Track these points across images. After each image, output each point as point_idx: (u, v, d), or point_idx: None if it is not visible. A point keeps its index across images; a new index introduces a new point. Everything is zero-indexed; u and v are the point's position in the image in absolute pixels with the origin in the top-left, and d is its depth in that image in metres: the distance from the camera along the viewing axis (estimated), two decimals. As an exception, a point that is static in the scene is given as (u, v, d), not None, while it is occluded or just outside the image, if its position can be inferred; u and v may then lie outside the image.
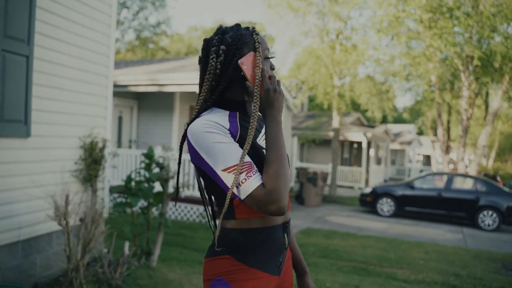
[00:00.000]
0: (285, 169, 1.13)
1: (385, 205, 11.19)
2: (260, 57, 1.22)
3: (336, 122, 14.40)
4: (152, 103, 10.44)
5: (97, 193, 4.18)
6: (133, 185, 4.44)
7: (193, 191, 8.14)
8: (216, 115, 1.22)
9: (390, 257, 6.29)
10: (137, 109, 10.61)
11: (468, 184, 10.84)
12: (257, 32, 1.26)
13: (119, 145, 10.20)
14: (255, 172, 1.11)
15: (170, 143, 9.83)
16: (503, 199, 9.99)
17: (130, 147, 10.45)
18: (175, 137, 10.02)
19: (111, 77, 4.44)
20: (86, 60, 4.11)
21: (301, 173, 12.59)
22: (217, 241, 1.24)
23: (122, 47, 26.77)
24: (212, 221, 1.35)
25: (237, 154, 1.13)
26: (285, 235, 1.28)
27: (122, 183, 8.05)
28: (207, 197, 1.32)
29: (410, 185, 11.12)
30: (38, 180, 3.52)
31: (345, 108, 14.67)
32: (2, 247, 3.30)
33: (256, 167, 1.13)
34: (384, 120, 29.15)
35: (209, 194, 1.30)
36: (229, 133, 1.17)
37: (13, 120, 3.29)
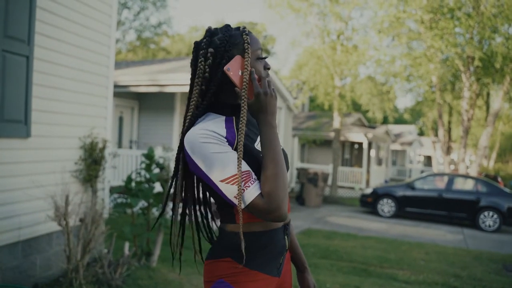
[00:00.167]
0: (282, 174, 1.11)
1: (386, 205, 11.17)
2: (248, 59, 1.17)
3: (337, 122, 14.39)
4: (153, 104, 10.44)
5: (97, 193, 4.18)
6: (133, 185, 4.45)
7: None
8: (211, 122, 1.19)
9: (391, 257, 6.28)
10: (137, 109, 10.61)
11: (468, 185, 10.82)
12: (247, 32, 1.21)
13: (119, 146, 10.20)
14: (253, 181, 1.10)
15: (171, 144, 9.82)
16: (504, 200, 9.97)
17: (131, 147, 10.45)
18: (175, 137, 10.02)
19: (111, 77, 4.45)
20: (87, 61, 4.11)
21: (301, 173, 12.58)
22: (218, 243, 1.25)
23: (123, 48, 26.78)
24: (206, 223, 1.38)
25: (235, 164, 1.11)
26: (286, 237, 1.28)
27: (122, 183, 8.03)
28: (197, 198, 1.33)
29: (410, 186, 11.11)
30: (38, 180, 3.53)
31: (346, 109, 14.66)
32: (2, 247, 3.30)
33: (255, 175, 1.12)
34: (385, 121, 29.13)
35: (209, 196, 1.29)
36: (226, 141, 1.15)
37: (13, 121, 3.29)
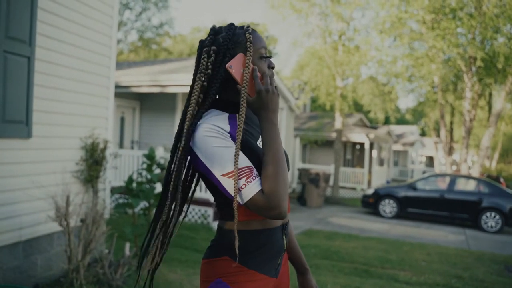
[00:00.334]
0: (283, 172, 1.11)
1: (387, 206, 11.15)
2: (250, 57, 1.17)
3: (338, 123, 14.37)
4: (154, 104, 10.45)
5: (98, 194, 4.18)
6: (134, 186, 4.45)
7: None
8: (215, 118, 1.19)
9: (392, 258, 6.27)
10: (139, 110, 10.62)
11: (470, 186, 10.79)
12: (250, 31, 1.22)
13: (121, 146, 10.21)
14: (255, 177, 1.10)
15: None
16: (506, 200, 9.93)
17: (132, 148, 10.46)
18: (177, 138, 10.01)
19: (112, 78, 4.45)
20: (88, 61, 4.11)
21: (303, 174, 12.57)
22: (216, 242, 1.25)
23: (125, 48, 26.82)
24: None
25: (242, 160, 1.11)
26: (284, 237, 1.28)
27: (124, 184, 8.05)
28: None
29: (412, 187, 11.08)
30: (39, 181, 3.53)
31: (348, 109, 14.64)
32: (3, 247, 3.31)
33: (256, 171, 1.12)
34: (387, 121, 29.10)
35: (210, 192, 1.28)
36: (229, 137, 1.15)
37: (15, 121, 3.30)
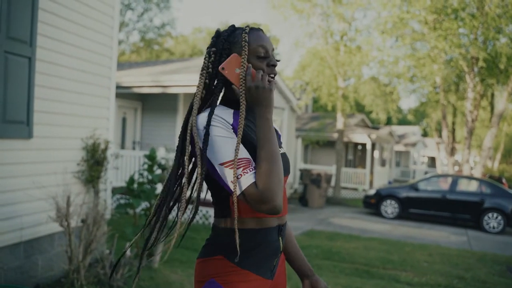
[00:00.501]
0: (277, 167, 1.11)
1: (389, 207, 11.13)
2: (245, 56, 1.19)
3: (340, 123, 14.36)
4: (156, 105, 10.46)
5: (99, 194, 4.19)
6: (135, 186, 4.45)
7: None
8: (221, 111, 1.22)
9: (394, 259, 6.26)
10: (141, 110, 10.63)
11: (473, 186, 10.76)
12: (247, 30, 1.24)
13: (122, 147, 10.22)
14: (252, 169, 1.11)
15: (174, 145, 9.83)
16: (508, 201, 9.90)
17: (134, 148, 10.47)
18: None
19: (113, 78, 4.45)
20: (89, 62, 4.12)
21: (305, 174, 12.55)
22: (210, 241, 1.25)
23: (126, 49, 26.85)
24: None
25: (240, 151, 1.12)
26: (280, 238, 1.26)
27: (125, 184, 8.06)
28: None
29: (414, 187, 11.05)
30: (40, 181, 3.53)
31: (349, 110, 14.63)
32: (4, 247, 3.31)
33: (254, 164, 1.13)
34: (389, 122, 29.04)
35: (208, 187, 1.28)
36: (231, 128, 1.17)
37: (15, 121, 3.30)
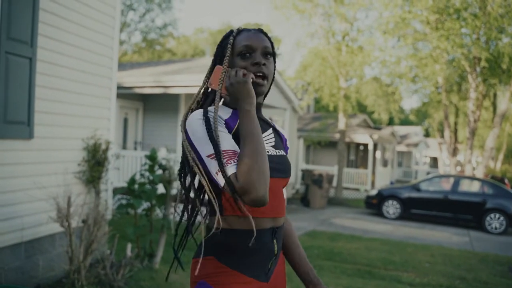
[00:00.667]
0: (259, 160, 1.08)
1: (391, 207, 11.10)
2: (227, 59, 1.23)
3: (342, 124, 14.34)
4: (157, 105, 10.47)
5: (100, 194, 4.19)
6: (136, 187, 4.45)
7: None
8: (219, 108, 1.25)
9: (395, 260, 6.24)
10: (142, 110, 10.64)
11: (475, 187, 10.72)
12: (234, 34, 1.27)
13: (124, 147, 10.23)
14: (235, 160, 1.10)
15: (175, 145, 9.84)
16: (510, 202, 9.85)
17: (136, 148, 10.48)
18: (180, 139, 10.01)
19: (114, 78, 4.45)
20: (90, 62, 4.12)
21: (306, 175, 12.54)
22: (204, 241, 1.25)
23: (128, 49, 26.87)
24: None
25: (224, 143, 1.13)
26: (275, 241, 1.23)
27: (127, 184, 8.06)
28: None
29: (416, 188, 11.02)
30: (40, 181, 3.54)
31: (351, 110, 14.61)
32: (5, 248, 3.31)
33: None
34: (391, 122, 28.98)
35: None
36: (223, 123, 1.19)
37: (16, 122, 3.30)
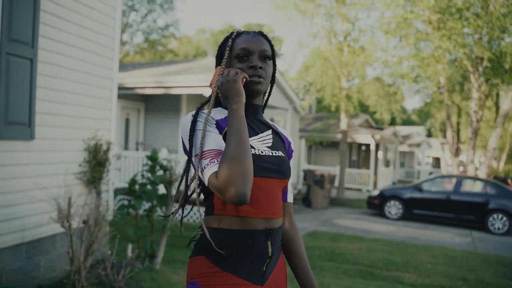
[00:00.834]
0: (239, 161, 1.06)
1: (393, 207, 11.08)
2: (224, 61, 1.25)
3: (344, 124, 14.32)
4: (159, 106, 10.48)
5: (101, 195, 4.19)
6: (137, 187, 4.45)
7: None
8: (214, 110, 1.27)
9: (397, 260, 6.22)
10: (144, 111, 10.65)
11: (477, 187, 10.68)
12: (233, 37, 1.28)
13: (126, 147, 10.24)
14: (219, 159, 1.11)
15: (177, 146, 9.84)
16: (513, 202, 9.83)
17: (137, 149, 10.49)
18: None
19: (115, 79, 4.46)
20: (91, 63, 4.12)
21: (308, 175, 12.52)
22: (198, 241, 1.24)
23: (130, 50, 26.91)
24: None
25: (213, 143, 1.14)
26: (268, 243, 1.20)
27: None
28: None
29: (418, 188, 10.99)
30: (41, 182, 3.54)
31: (353, 110, 14.59)
32: (6, 249, 3.32)
33: None
34: (393, 122, 28.95)
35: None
36: (214, 123, 1.21)
37: (17, 123, 3.31)
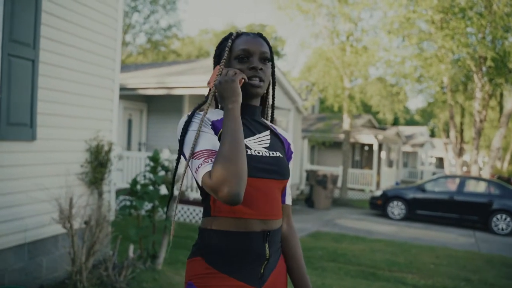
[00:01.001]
0: (233, 161, 1.06)
1: (396, 208, 11.04)
2: (223, 61, 1.24)
3: (346, 124, 14.29)
4: (161, 106, 10.49)
5: (103, 196, 4.20)
6: (138, 188, 4.46)
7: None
8: (210, 112, 1.27)
9: (400, 261, 6.20)
10: (146, 112, 10.66)
11: (481, 187, 10.63)
12: (233, 37, 1.27)
13: (128, 148, 10.26)
14: (213, 159, 1.10)
15: (179, 146, 9.84)
16: (517, 202, 9.77)
17: (140, 150, 10.50)
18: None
19: (117, 80, 4.46)
20: (92, 64, 4.13)
21: (311, 175, 12.50)
22: (196, 242, 1.25)
23: (133, 50, 26.98)
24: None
25: (207, 143, 1.14)
26: (266, 245, 1.20)
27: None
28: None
29: (421, 188, 10.95)
30: (43, 183, 3.55)
31: (356, 110, 14.56)
32: (8, 249, 3.33)
33: None
34: (396, 122, 28.83)
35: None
36: (210, 124, 1.21)
37: (19, 124, 3.32)
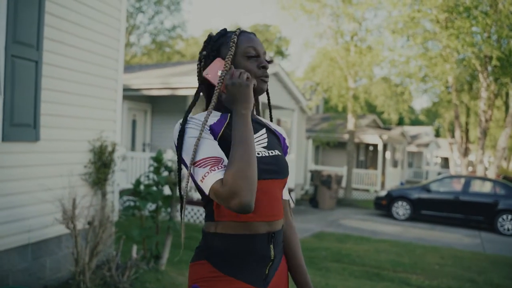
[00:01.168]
0: (246, 169, 1.05)
1: (401, 208, 11.00)
2: (230, 57, 1.19)
3: (351, 124, 14.25)
4: (165, 107, 10.50)
5: (106, 196, 4.20)
6: (142, 188, 4.46)
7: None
8: (203, 114, 1.22)
9: (404, 262, 6.17)
10: (150, 112, 10.68)
11: (486, 187, 10.57)
12: (237, 33, 1.23)
13: (133, 149, 10.28)
14: (220, 167, 1.07)
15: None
16: (523, 202, 9.69)
17: (144, 150, 10.52)
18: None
19: (120, 80, 4.47)
20: (95, 64, 4.14)
21: (315, 175, 12.48)
22: (199, 245, 1.24)
23: (138, 51, 27.07)
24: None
25: (208, 149, 1.11)
26: (271, 246, 1.19)
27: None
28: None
29: (426, 188, 10.89)
30: (47, 183, 3.56)
31: (360, 110, 14.52)
32: (12, 249, 3.34)
33: (225, 163, 1.10)
34: (401, 122, 28.75)
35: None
36: (208, 129, 1.17)
37: (23, 125, 3.33)
